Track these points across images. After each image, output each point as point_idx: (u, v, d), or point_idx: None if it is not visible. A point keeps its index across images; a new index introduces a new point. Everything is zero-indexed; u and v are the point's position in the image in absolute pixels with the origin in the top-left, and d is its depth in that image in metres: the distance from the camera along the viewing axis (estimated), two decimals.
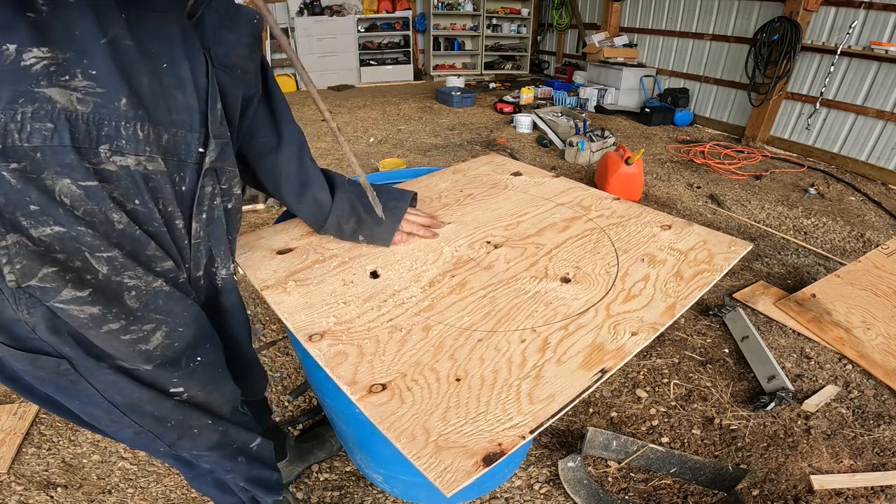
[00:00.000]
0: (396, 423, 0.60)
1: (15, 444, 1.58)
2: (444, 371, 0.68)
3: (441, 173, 1.39)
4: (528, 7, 8.25)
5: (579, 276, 0.90)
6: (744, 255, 0.98)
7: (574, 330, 0.76)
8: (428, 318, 0.79)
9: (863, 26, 3.93)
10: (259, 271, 0.92)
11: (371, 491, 1.47)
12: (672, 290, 0.85)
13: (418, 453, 0.56)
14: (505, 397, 0.63)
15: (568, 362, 0.69)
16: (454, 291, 0.86)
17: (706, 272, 0.90)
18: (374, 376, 0.67)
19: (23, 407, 1.73)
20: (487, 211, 1.15)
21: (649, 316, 0.79)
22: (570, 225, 1.08)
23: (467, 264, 0.94)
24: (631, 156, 3.26)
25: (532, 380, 0.66)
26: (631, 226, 1.07)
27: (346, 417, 1.19)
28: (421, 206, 1.17)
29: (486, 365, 0.69)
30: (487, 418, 0.60)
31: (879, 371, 1.86)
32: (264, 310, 2.31)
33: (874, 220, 3.27)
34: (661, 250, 0.98)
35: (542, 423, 0.59)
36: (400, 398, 0.63)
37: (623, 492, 1.46)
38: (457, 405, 0.62)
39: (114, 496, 1.45)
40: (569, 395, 0.63)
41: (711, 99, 5.38)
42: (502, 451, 0.56)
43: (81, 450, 1.59)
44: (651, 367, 1.95)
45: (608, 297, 0.84)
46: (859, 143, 4.08)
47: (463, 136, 4.97)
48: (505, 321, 0.78)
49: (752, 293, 2.36)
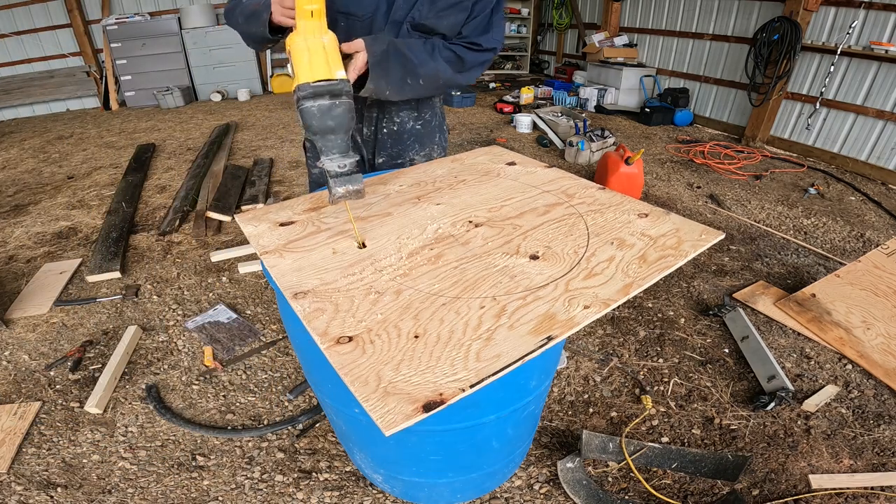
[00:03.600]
0: (355, 370, 0.66)
1: (15, 444, 1.58)
2: (405, 328, 0.74)
3: (439, 161, 1.46)
4: (528, 7, 8.24)
5: (548, 254, 0.95)
6: (714, 243, 0.99)
7: (531, 301, 0.81)
8: (401, 283, 0.86)
9: (863, 26, 3.93)
10: (262, 239, 1.02)
11: (371, 491, 1.47)
12: (633, 271, 0.89)
13: (367, 396, 0.61)
14: (455, 354, 0.69)
15: (519, 328, 0.74)
16: (430, 262, 0.92)
17: (671, 257, 0.93)
18: (344, 329, 0.74)
19: (23, 407, 1.73)
20: (476, 195, 1.21)
21: (604, 293, 0.83)
22: (550, 210, 1.13)
23: (447, 240, 1.01)
24: (631, 156, 3.26)
25: (483, 341, 0.72)
26: (609, 213, 1.11)
27: (346, 417, 1.19)
28: (416, 189, 1.25)
29: (445, 326, 0.75)
30: (435, 371, 0.66)
31: (879, 371, 1.86)
32: (264, 310, 2.31)
33: (874, 220, 3.27)
34: (632, 235, 1.01)
35: (482, 379, 0.64)
36: (362, 349, 0.70)
37: (623, 492, 1.46)
38: (411, 358, 0.68)
39: (114, 496, 1.45)
40: (513, 356, 0.68)
41: (711, 99, 5.38)
42: (442, 400, 0.61)
43: (81, 450, 1.59)
44: (651, 367, 1.95)
45: (570, 274, 0.88)
46: (859, 142, 4.08)
47: (463, 136, 4.97)
48: (470, 289, 0.84)
49: (752, 293, 2.36)
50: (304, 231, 1.05)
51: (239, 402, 1.79)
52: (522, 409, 1.17)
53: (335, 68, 0.93)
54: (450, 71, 1.25)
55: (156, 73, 6.50)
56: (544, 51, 8.41)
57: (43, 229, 3.17)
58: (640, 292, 0.85)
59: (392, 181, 1.29)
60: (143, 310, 2.32)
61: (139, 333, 2.14)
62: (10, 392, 1.83)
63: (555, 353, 1.22)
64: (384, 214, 1.11)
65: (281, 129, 5.27)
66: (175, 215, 3.18)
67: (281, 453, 1.59)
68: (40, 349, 2.06)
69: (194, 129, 5.36)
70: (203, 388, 1.86)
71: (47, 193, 3.76)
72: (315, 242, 1.00)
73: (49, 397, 1.80)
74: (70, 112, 6.57)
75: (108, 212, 3.29)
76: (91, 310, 2.32)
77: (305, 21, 0.93)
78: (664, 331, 2.15)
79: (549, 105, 5.96)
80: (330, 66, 0.93)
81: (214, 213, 3.15)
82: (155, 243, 2.94)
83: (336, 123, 0.93)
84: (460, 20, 1.26)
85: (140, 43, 6.28)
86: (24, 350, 2.06)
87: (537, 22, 8.32)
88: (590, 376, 1.91)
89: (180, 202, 3.35)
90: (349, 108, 0.93)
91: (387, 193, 1.22)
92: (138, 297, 2.41)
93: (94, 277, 2.53)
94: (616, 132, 4.98)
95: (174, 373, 1.93)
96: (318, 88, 0.90)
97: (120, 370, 1.91)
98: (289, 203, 1.19)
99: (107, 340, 2.11)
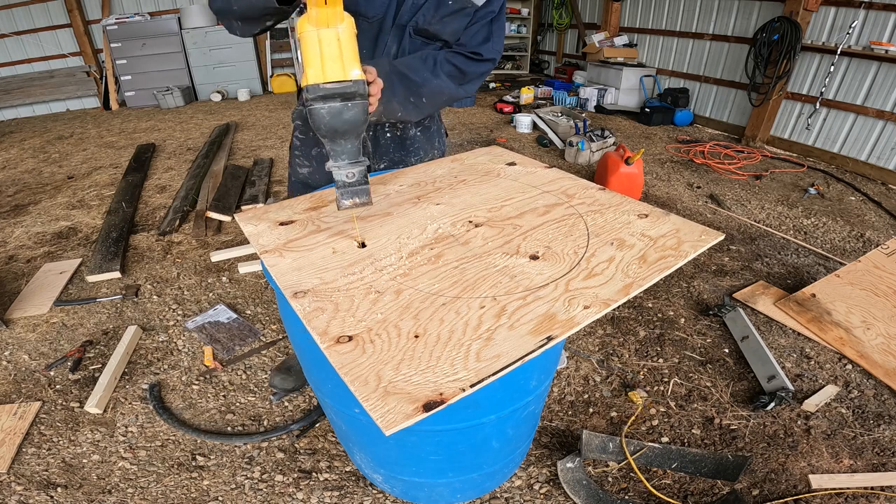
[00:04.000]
0: (354, 369, 0.66)
1: (15, 444, 1.58)
2: (405, 328, 0.74)
3: (439, 161, 1.46)
4: (528, 7, 8.24)
5: (548, 254, 0.95)
6: (713, 244, 1.00)
7: (531, 301, 0.81)
8: (402, 283, 0.86)
9: (863, 26, 3.93)
10: (262, 238, 1.02)
11: (371, 491, 1.47)
12: (633, 271, 0.89)
13: (367, 395, 0.61)
14: (455, 354, 0.69)
15: (519, 328, 0.74)
16: (430, 262, 0.92)
17: (671, 257, 0.94)
18: (343, 329, 0.74)
19: (23, 407, 1.73)
20: (476, 195, 1.21)
21: (604, 293, 0.83)
22: (550, 210, 1.13)
23: (447, 240, 1.00)
24: (631, 156, 3.26)
25: (483, 341, 0.72)
26: (609, 213, 1.12)
27: (346, 417, 1.19)
28: (416, 189, 1.25)
29: (445, 326, 0.75)
30: (436, 371, 0.66)
31: (879, 371, 1.86)
32: (264, 310, 2.31)
33: (874, 220, 3.27)
34: (632, 236, 1.02)
35: (483, 379, 0.64)
36: (362, 349, 0.70)
37: (623, 492, 1.46)
38: (411, 358, 0.68)
39: (114, 496, 1.45)
40: (513, 356, 0.68)
41: (711, 99, 5.38)
42: (443, 400, 0.61)
43: (81, 450, 1.59)
44: (651, 367, 1.95)
45: (570, 274, 0.88)
46: (859, 142, 4.08)
47: (463, 136, 4.97)
48: (470, 289, 0.84)
49: (752, 293, 2.36)
50: (304, 230, 1.05)
51: (239, 403, 1.79)
52: (522, 409, 1.17)
53: (350, 67, 0.84)
54: (452, 85, 1.25)
55: (156, 73, 6.50)
56: (544, 51, 8.41)
57: (43, 229, 3.17)
58: (640, 292, 0.85)
59: (392, 181, 1.29)
60: (143, 310, 2.32)
61: (139, 333, 2.14)
62: (10, 392, 1.83)
63: (555, 353, 1.21)
64: (384, 214, 1.11)
65: (281, 129, 5.27)
66: (175, 215, 3.18)
67: (281, 453, 1.59)
68: (40, 349, 2.06)
69: (194, 129, 5.36)
70: (203, 388, 1.86)
71: (47, 193, 3.76)
72: (315, 242, 1.00)
73: (49, 397, 1.80)
74: (70, 112, 6.57)
75: (108, 212, 3.29)
76: (91, 310, 2.32)
77: (318, 8, 0.80)
78: (664, 331, 2.15)
79: (549, 105, 5.96)
80: (344, 64, 0.84)
81: (214, 213, 3.15)
82: (155, 243, 2.94)
83: (347, 127, 0.87)
84: (463, 25, 1.25)
85: (140, 43, 6.28)
86: (24, 350, 2.06)
87: (537, 22, 8.32)
88: (590, 376, 1.91)
89: (180, 202, 3.35)
90: (363, 110, 0.86)
91: (387, 193, 1.22)
92: (138, 297, 2.41)
93: (94, 277, 2.53)
94: (616, 132, 4.98)
95: (174, 373, 1.93)
96: (330, 91, 0.83)
97: (120, 370, 1.91)
98: (288, 202, 1.19)
99: (107, 340, 2.11)
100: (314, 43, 0.82)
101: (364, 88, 0.86)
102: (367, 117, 0.89)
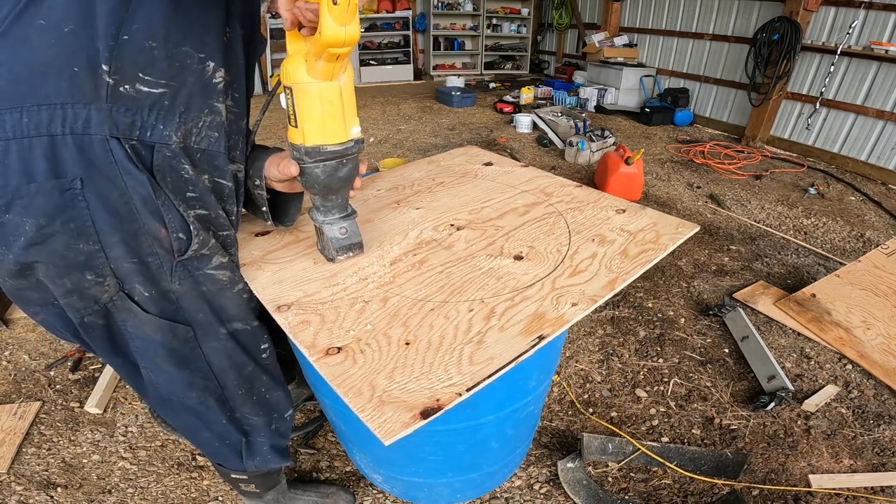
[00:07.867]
0: (347, 380, 0.65)
1: (15, 444, 1.58)
2: (395, 336, 0.73)
3: (416, 163, 1.44)
4: (528, 7, 8.25)
5: (532, 254, 0.95)
6: (690, 235, 1.02)
7: (519, 301, 0.81)
8: (387, 290, 0.85)
9: (863, 26, 3.93)
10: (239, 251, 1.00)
11: (371, 491, 1.47)
12: (616, 266, 0.91)
13: (363, 406, 0.61)
14: (448, 359, 0.69)
15: (509, 329, 0.74)
16: (414, 268, 0.92)
17: (651, 251, 0.96)
18: (332, 340, 0.73)
19: (23, 407, 1.73)
20: (455, 198, 1.21)
21: (591, 289, 0.84)
22: (530, 209, 1.14)
23: (430, 244, 1.00)
24: (631, 156, 3.26)
25: (475, 344, 0.71)
26: (588, 210, 1.13)
27: (346, 417, 1.19)
28: (394, 193, 1.25)
29: (435, 331, 0.74)
30: (430, 377, 0.65)
31: (879, 371, 1.86)
32: None
33: (874, 220, 3.27)
34: (612, 231, 1.03)
35: (478, 383, 0.64)
36: (353, 360, 0.69)
37: (623, 492, 1.46)
38: (403, 366, 0.67)
39: (114, 496, 1.45)
40: (506, 357, 0.68)
41: (711, 99, 5.38)
42: (440, 406, 0.60)
43: (81, 450, 1.59)
44: (651, 367, 1.95)
45: (555, 273, 0.89)
46: (859, 143, 4.08)
47: (463, 136, 4.97)
48: (457, 293, 0.84)
49: (752, 293, 2.36)
50: (282, 241, 1.02)
51: None
52: (522, 409, 1.17)
53: (351, 125, 0.79)
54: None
55: None
56: (544, 51, 8.41)
57: None
58: (625, 286, 0.86)
59: (369, 185, 1.28)
60: None
61: None
62: (10, 392, 1.83)
63: (554, 352, 1.21)
64: (364, 221, 1.09)
65: (281, 129, 5.27)
66: None
67: None
68: (40, 349, 2.06)
69: None
70: None
71: None
72: (294, 253, 0.98)
73: (49, 397, 1.81)
74: None
75: None
76: None
77: (329, 63, 0.70)
78: (664, 331, 2.15)
79: (549, 105, 5.96)
80: (346, 122, 0.78)
81: None
82: None
83: (341, 185, 0.84)
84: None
85: None
86: (24, 350, 2.06)
87: (537, 22, 8.33)
88: (590, 376, 1.91)
89: None
90: (356, 165, 0.84)
91: (365, 199, 1.21)
92: None
93: None
94: (616, 132, 4.98)
95: None
96: (329, 154, 0.78)
97: None
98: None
99: None
100: (314, 99, 0.74)
101: (361, 145, 0.82)
102: (357, 171, 0.86)
